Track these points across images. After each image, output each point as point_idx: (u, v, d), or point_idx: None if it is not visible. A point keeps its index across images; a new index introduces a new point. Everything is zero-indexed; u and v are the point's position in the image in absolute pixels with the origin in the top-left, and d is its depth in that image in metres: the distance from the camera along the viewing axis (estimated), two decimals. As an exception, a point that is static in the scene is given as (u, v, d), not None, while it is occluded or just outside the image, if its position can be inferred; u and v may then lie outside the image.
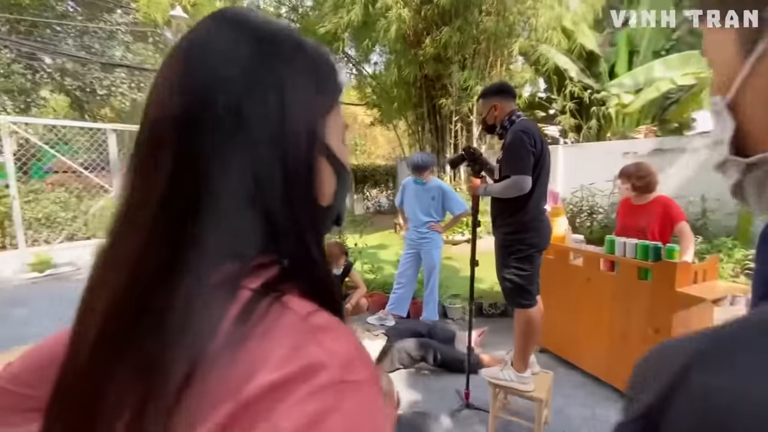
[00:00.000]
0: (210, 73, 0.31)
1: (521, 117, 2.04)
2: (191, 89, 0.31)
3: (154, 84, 0.34)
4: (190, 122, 0.31)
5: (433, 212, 3.47)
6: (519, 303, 2.03)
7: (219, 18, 0.34)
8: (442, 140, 6.88)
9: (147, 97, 0.34)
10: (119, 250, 0.31)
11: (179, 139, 0.30)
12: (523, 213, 1.97)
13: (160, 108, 0.32)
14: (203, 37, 0.33)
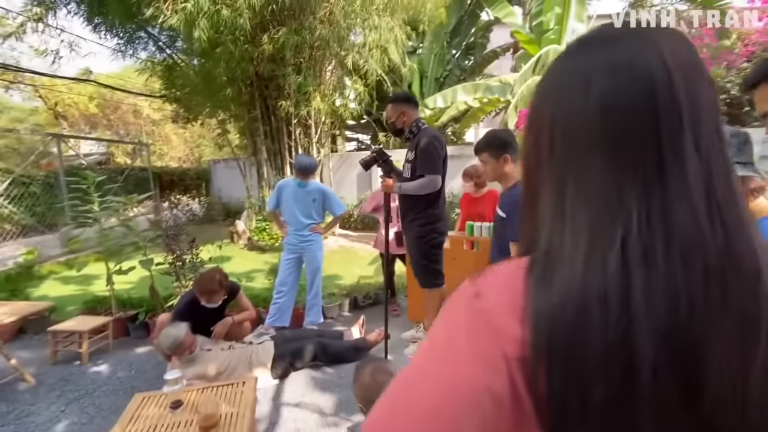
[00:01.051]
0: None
1: (425, 124, 2.39)
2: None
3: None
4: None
5: (314, 214, 3.47)
6: (434, 284, 2.38)
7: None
8: (278, 142, 6.70)
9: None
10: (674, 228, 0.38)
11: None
12: (434, 207, 2.32)
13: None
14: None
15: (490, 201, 3.55)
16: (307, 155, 3.40)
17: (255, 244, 6.38)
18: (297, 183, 3.35)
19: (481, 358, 0.38)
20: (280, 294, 3.49)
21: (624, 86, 0.40)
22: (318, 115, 6.34)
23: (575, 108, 0.43)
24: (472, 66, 10.44)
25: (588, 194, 0.41)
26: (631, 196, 0.39)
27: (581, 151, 0.42)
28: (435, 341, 0.43)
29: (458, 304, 0.42)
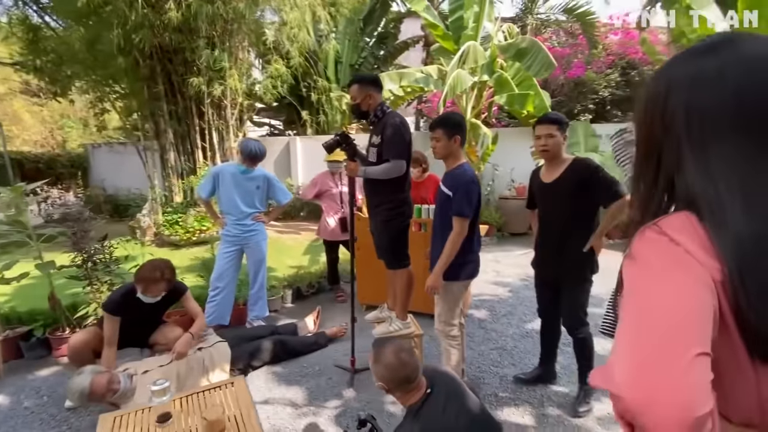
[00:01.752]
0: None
1: (390, 108, 2.41)
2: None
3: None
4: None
5: (257, 202, 3.23)
6: (402, 264, 2.46)
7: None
8: (187, 124, 5.98)
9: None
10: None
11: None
12: (401, 191, 2.38)
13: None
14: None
15: (432, 184, 3.75)
16: (255, 140, 3.13)
17: (166, 240, 5.65)
18: (240, 169, 3.07)
19: (701, 282, 0.51)
20: (217, 290, 3.20)
21: (753, 81, 0.54)
22: (234, 96, 5.82)
23: (711, 99, 0.56)
24: (384, 55, 10.63)
25: (731, 162, 0.55)
26: (765, 164, 0.53)
27: (721, 131, 0.56)
28: (649, 280, 0.54)
29: (658, 249, 0.55)
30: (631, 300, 0.56)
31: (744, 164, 0.55)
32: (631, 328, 0.52)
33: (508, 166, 7.30)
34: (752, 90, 0.54)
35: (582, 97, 8.12)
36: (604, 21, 8.90)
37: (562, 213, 2.13)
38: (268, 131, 12.04)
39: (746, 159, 0.54)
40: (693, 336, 0.48)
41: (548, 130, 2.08)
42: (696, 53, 0.61)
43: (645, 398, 0.46)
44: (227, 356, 2.58)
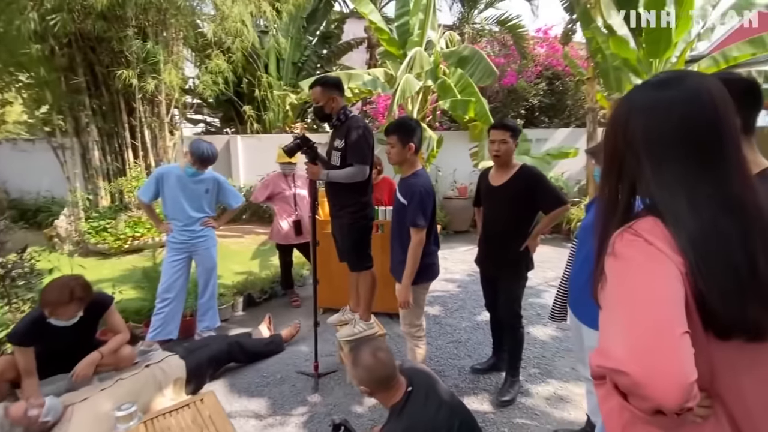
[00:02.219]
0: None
1: (352, 112, 2.43)
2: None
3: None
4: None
5: (206, 207, 3.06)
6: (366, 266, 2.50)
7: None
8: (115, 121, 5.42)
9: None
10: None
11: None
12: (363, 194, 2.42)
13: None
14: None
15: (386, 186, 3.84)
16: (207, 141, 2.94)
17: (91, 249, 5.08)
18: (188, 171, 2.88)
19: (673, 274, 0.64)
20: (166, 302, 2.98)
21: (695, 111, 0.70)
22: (170, 91, 5.41)
23: (662, 124, 0.71)
24: (328, 55, 10.54)
25: (678, 175, 0.70)
26: (705, 178, 0.69)
27: (670, 149, 0.71)
28: (634, 273, 0.66)
29: (637, 248, 0.68)
30: (619, 290, 0.67)
31: (687, 176, 0.70)
32: (624, 313, 0.64)
33: (450, 168, 7.66)
34: (693, 120, 0.70)
35: (515, 104, 8.79)
36: (532, 34, 9.70)
37: (505, 215, 2.27)
38: (204, 129, 11.32)
39: (689, 172, 0.70)
40: (677, 318, 0.61)
41: (502, 136, 2.20)
42: (653, 86, 0.76)
43: (647, 371, 0.58)
44: (181, 369, 2.41)
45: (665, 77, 0.75)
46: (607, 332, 0.66)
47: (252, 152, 8.17)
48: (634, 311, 0.62)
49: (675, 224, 0.67)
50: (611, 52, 5.50)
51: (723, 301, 0.63)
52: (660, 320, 0.60)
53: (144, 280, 3.37)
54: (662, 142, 0.71)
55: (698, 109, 0.69)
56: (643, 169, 0.72)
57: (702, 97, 0.69)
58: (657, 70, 5.62)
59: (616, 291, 0.68)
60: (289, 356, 2.96)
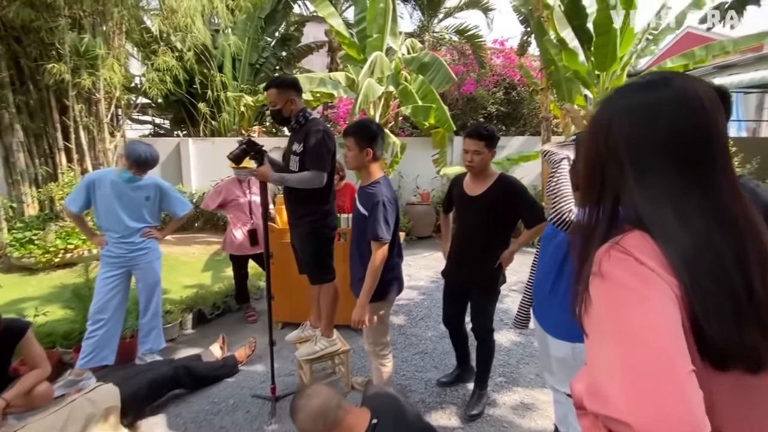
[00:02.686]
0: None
1: (312, 114, 2.28)
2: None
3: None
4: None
5: (147, 216, 2.75)
6: (327, 279, 2.35)
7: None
8: (45, 120, 4.87)
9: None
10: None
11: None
12: (325, 202, 2.28)
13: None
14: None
15: (348, 192, 3.70)
16: (144, 143, 2.65)
17: (15, 263, 4.49)
18: (124, 177, 2.58)
19: (668, 298, 0.56)
20: (99, 324, 2.64)
21: (683, 115, 0.63)
22: (110, 89, 4.95)
23: (648, 129, 0.64)
24: (287, 57, 10.26)
25: (665, 185, 0.63)
26: (693, 188, 0.62)
27: (657, 156, 0.64)
28: (627, 300, 0.57)
29: (627, 269, 0.59)
30: (610, 319, 0.58)
31: (674, 187, 0.63)
32: (619, 347, 0.54)
33: (413, 174, 7.66)
34: (681, 124, 0.63)
35: (473, 112, 8.98)
36: (489, 44, 10.01)
37: (482, 226, 2.16)
38: (151, 131, 10.59)
39: (676, 182, 0.63)
40: (681, 354, 0.52)
41: (476, 147, 2.06)
42: (638, 88, 0.68)
43: (653, 422, 0.48)
44: (114, 397, 2.11)
45: (651, 79, 0.68)
46: (599, 368, 0.57)
47: (205, 156, 7.72)
48: (632, 346, 0.53)
49: (665, 239, 0.60)
50: (563, 64, 5.75)
51: (719, 327, 0.56)
52: (662, 358, 0.51)
53: (74, 299, 2.98)
54: (648, 149, 0.64)
55: (687, 113, 0.63)
56: (627, 178, 0.65)
57: (691, 99, 0.63)
58: (604, 83, 5.95)
59: (607, 319, 0.59)
60: (244, 378, 2.72)
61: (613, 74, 5.82)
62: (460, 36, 9.95)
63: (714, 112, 0.63)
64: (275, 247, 3.29)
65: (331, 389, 1.37)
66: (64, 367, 2.81)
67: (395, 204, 1.97)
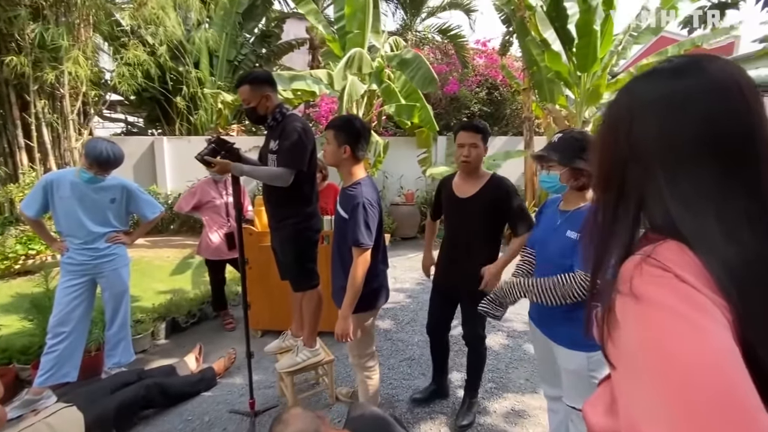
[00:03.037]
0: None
1: (289, 110, 2.14)
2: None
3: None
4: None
5: (112, 219, 2.54)
6: (311, 285, 2.21)
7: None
8: (3, 118, 4.53)
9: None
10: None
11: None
12: (306, 204, 2.14)
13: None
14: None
15: (332, 193, 3.57)
16: (107, 140, 2.45)
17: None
18: (85, 177, 2.37)
19: (722, 325, 0.45)
20: (60, 338, 2.42)
21: (722, 105, 0.53)
22: (76, 84, 4.66)
23: (680, 123, 0.54)
24: (267, 54, 10.01)
25: (703, 187, 0.53)
26: (737, 189, 0.52)
27: (691, 154, 0.54)
28: (670, 329, 0.46)
29: (669, 289, 0.48)
30: (653, 352, 0.47)
31: (715, 190, 0.53)
32: (671, 389, 0.43)
33: (397, 174, 7.57)
34: (721, 116, 0.53)
35: (456, 112, 8.97)
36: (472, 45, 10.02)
37: (474, 230, 2.01)
38: (124, 129, 10.15)
39: (716, 185, 0.53)
40: (751, 395, 0.42)
41: (473, 139, 1.91)
42: (665, 74, 0.58)
43: None
44: (77, 424, 1.93)
45: (679, 63, 0.58)
46: (642, 412, 0.46)
47: (180, 155, 7.43)
48: (689, 389, 0.42)
49: (706, 251, 0.50)
50: (546, 65, 5.77)
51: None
52: (732, 403, 0.40)
53: (32, 310, 2.74)
54: (680, 146, 0.55)
55: (725, 103, 0.54)
56: (656, 179, 0.56)
57: (728, 86, 0.54)
58: (585, 84, 6.00)
59: (648, 354, 0.46)
60: (220, 392, 2.56)
61: (594, 75, 5.87)
62: (442, 36, 9.94)
63: (755, 100, 0.54)
64: (254, 252, 3.14)
65: (309, 414, 1.24)
66: (21, 384, 2.58)
67: (378, 206, 1.82)
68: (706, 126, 0.53)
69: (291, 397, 2.24)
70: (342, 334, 1.80)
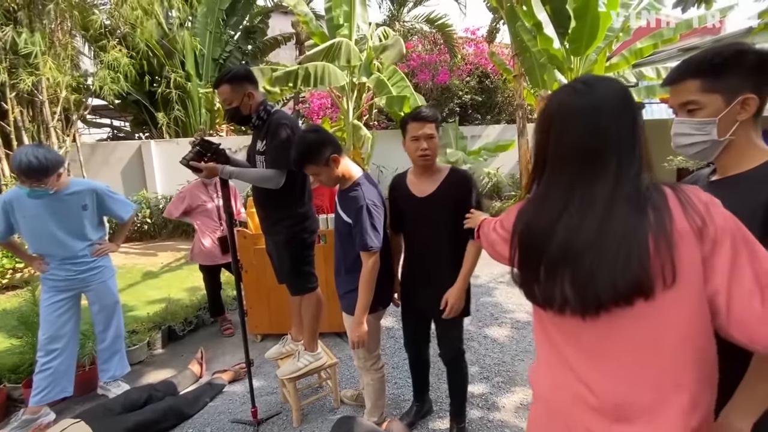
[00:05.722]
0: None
1: (274, 107, 2.04)
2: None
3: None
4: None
5: (89, 228, 2.37)
6: (309, 288, 2.13)
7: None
8: (-21, 127, 4.37)
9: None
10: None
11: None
12: (300, 204, 2.05)
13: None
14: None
15: (327, 191, 3.48)
16: (38, 144, 2.23)
17: (-47, 288, 4.03)
18: (25, 192, 2.13)
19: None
20: (53, 355, 2.32)
21: (586, 127, 0.77)
22: (55, 90, 4.50)
23: (565, 133, 0.80)
24: (253, 51, 9.81)
25: (558, 179, 0.82)
26: (577, 185, 0.78)
27: (561, 160, 0.81)
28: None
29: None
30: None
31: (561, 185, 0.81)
32: None
33: (392, 167, 7.48)
34: (589, 128, 0.77)
35: (448, 101, 8.86)
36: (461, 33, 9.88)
37: (438, 234, 1.75)
38: (110, 134, 9.93)
39: (565, 182, 0.80)
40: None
41: (430, 130, 1.67)
42: (570, 92, 0.81)
43: None
44: None
45: (581, 84, 0.80)
46: None
47: (169, 159, 7.27)
48: None
49: (525, 207, 0.90)
50: (538, 50, 5.67)
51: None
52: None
53: (21, 326, 2.64)
54: (563, 151, 0.81)
55: (590, 123, 0.77)
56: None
57: (603, 107, 0.76)
58: (578, 68, 5.91)
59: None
60: (222, 401, 2.48)
61: (587, 58, 5.79)
62: (430, 25, 9.78)
63: (619, 119, 0.77)
64: (249, 255, 3.05)
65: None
66: (14, 404, 2.48)
67: (382, 205, 1.72)
68: (577, 137, 0.79)
69: (294, 403, 2.17)
70: (359, 341, 1.72)
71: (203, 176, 1.95)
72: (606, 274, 0.71)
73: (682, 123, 0.92)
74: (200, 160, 1.92)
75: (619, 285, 0.70)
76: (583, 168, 0.76)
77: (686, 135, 0.92)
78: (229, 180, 1.99)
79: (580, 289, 0.74)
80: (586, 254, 0.73)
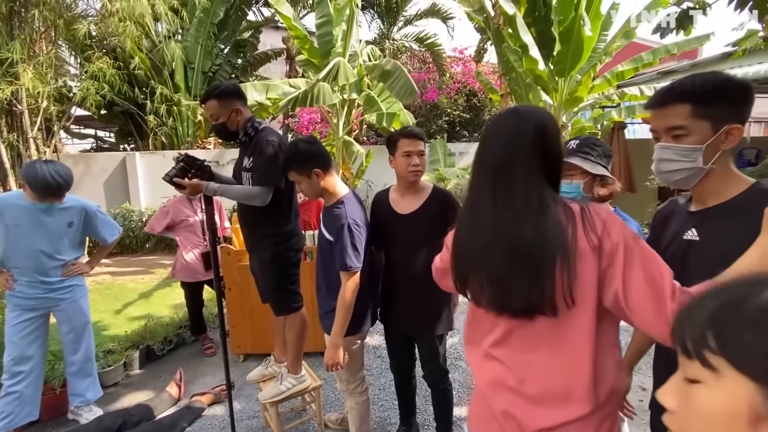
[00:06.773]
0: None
1: (261, 123, 2.01)
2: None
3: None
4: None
5: (67, 246, 2.29)
6: (293, 308, 2.07)
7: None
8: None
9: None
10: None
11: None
12: (286, 222, 2.01)
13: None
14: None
15: (314, 207, 3.44)
16: (46, 161, 2.20)
17: None
18: (43, 208, 2.14)
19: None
20: (19, 377, 2.20)
21: (501, 149, 0.89)
22: (35, 100, 4.40)
23: (491, 151, 0.92)
24: (243, 65, 9.82)
25: (480, 191, 0.92)
26: (489, 197, 0.89)
27: (483, 171, 0.92)
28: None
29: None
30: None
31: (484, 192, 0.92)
32: None
33: (381, 183, 7.48)
34: (509, 149, 0.88)
35: (437, 119, 8.99)
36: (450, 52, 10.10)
37: (419, 252, 1.71)
38: (94, 145, 9.74)
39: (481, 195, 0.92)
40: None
41: (420, 146, 1.71)
42: (511, 117, 0.91)
43: None
44: None
45: (521, 112, 0.91)
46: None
47: (154, 171, 7.14)
48: None
49: (460, 218, 0.98)
50: (523, 70, 5.81)
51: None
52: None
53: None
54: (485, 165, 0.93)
55: (503, 145, 0.89)
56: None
57: (513, 136, 0.88)
58: (563, 89, 6.07)
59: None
60: (200, 425, 2.37)
61: (571, 79, 5.95)
62: (419, 44, 9.98)
63: (530, 146, 0.88)
64: (232, 272, 2.97)
65: None
66: (-27, 431, 2.32)
67: (364, 225, 1.68)
68: (497, 155, 0.90)
69: (276, 428, 2.08)
70: (333, 364, 1.66)
71: (187, 193, 1.90)
72: (519, 288, 0.82)
73: (667, 148, 0.90)
74: (184, 176, 1.87)
75: (528, 304, 0.82)
76: (495, 181, 0.87)
77: (670, 161, 0.90)
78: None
79: (497, 294, 0.85)
80: (499, 263, 0.84)
